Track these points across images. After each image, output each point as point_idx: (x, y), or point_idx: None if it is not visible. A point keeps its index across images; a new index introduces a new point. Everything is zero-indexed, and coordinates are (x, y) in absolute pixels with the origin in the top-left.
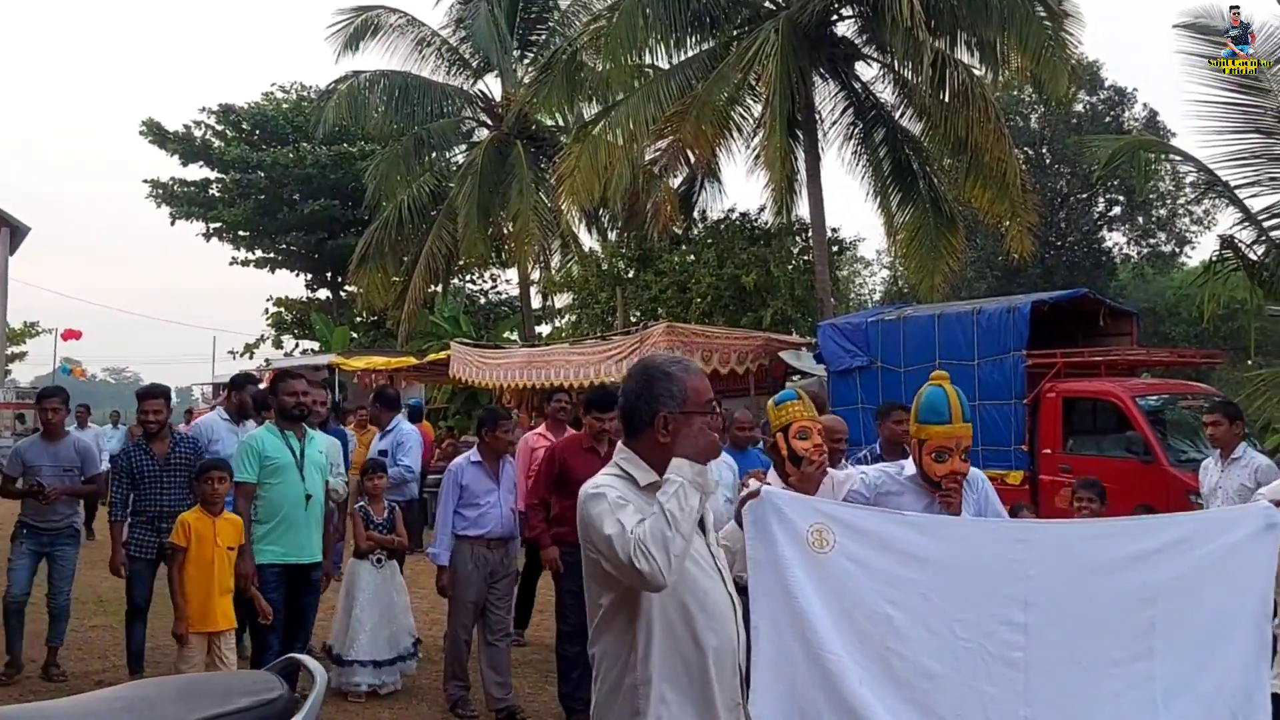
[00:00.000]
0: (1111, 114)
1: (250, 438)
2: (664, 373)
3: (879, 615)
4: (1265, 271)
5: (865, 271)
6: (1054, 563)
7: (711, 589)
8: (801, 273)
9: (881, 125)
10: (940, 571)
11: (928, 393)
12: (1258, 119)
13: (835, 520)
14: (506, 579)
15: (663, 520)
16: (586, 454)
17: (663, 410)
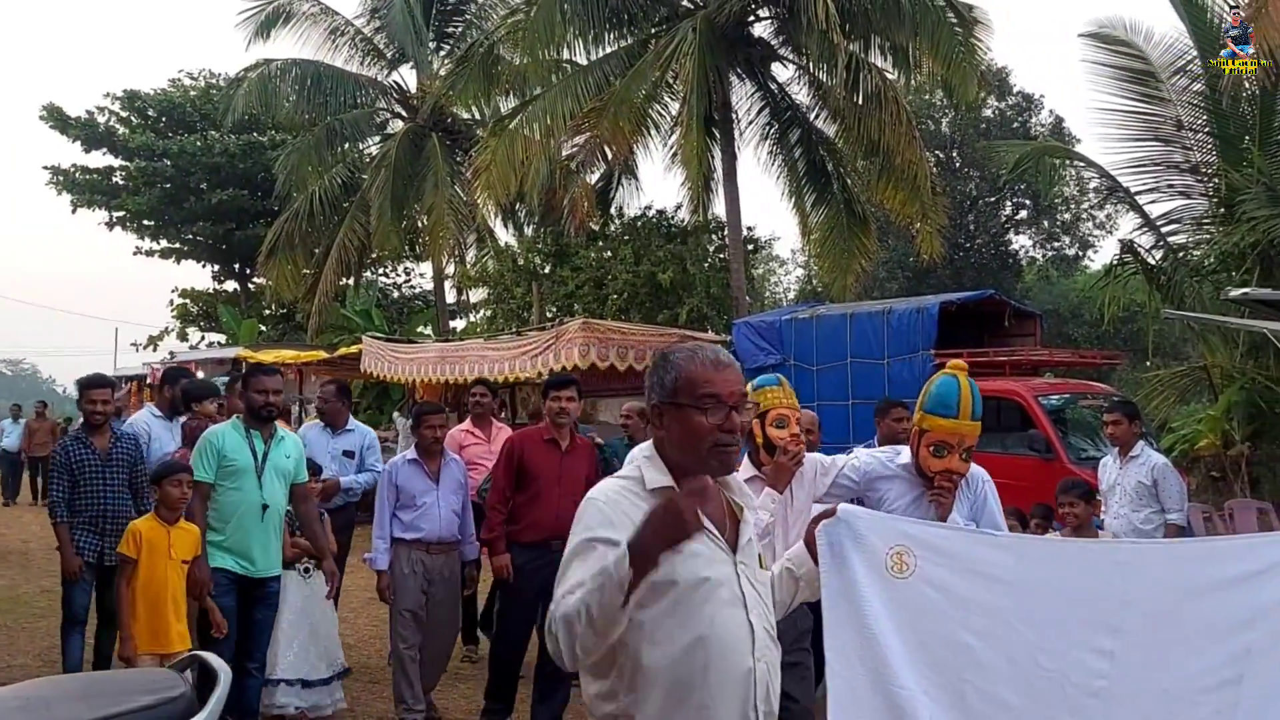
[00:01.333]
0: (1019, 120)
1: (210, 433)
2: (664, 358)
3: (958, 645)
4: (1163, 276)
5: (780, 270)
6: (1153, 587)
7: (721, 615)
8: (717, 271)
9: (797, 126)
10: (1027, 596)
11: (940, 381)
12: (1157, 127)
13: (917, 541)
14: (449, 585)
15: (579, 609)
16: (546, 446)
17: (654, 399)
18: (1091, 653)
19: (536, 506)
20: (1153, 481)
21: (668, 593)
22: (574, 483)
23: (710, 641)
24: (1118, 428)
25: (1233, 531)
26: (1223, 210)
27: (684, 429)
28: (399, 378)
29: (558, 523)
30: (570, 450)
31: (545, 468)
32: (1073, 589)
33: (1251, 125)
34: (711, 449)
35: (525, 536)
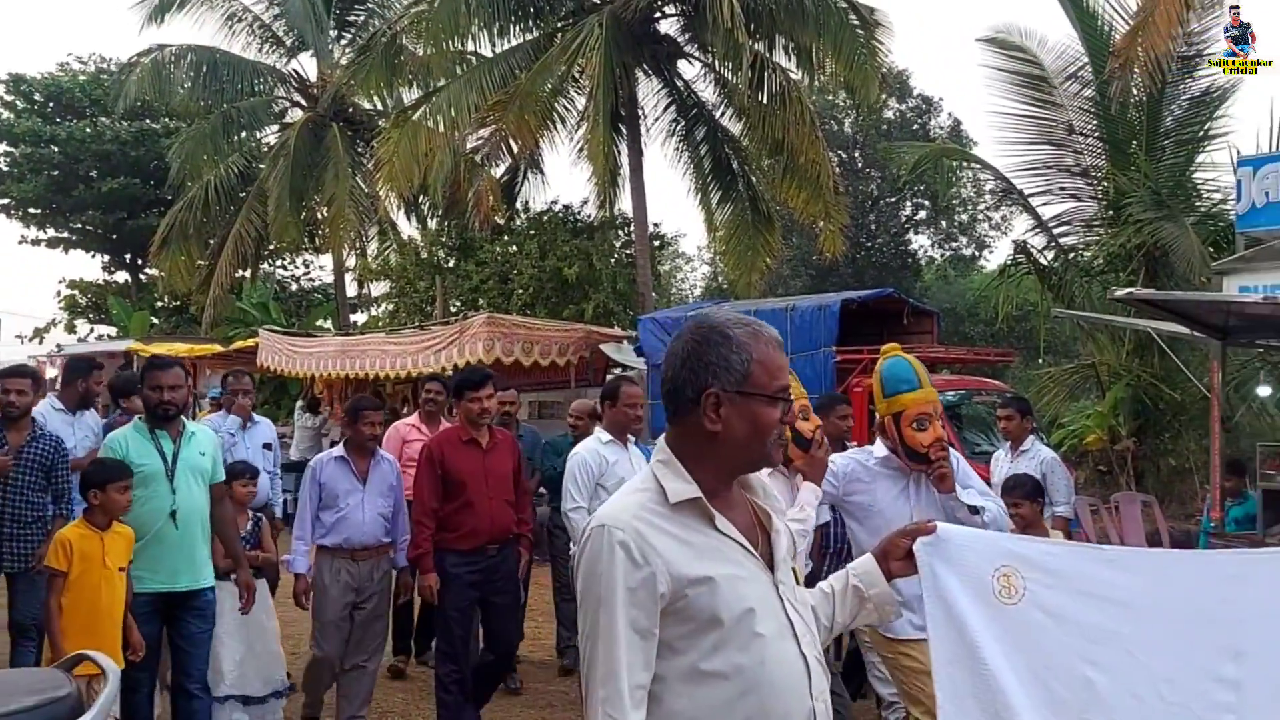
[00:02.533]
0: (919, 122)
1: (112, 439)
2: (723, 334)
3: (1077, 680)
4: (1054, 276)
5: (687, 267)
6: (1268, 602)
7: (772, 652)
8: (623, 266)
9: (703, 123)
10: (1144, 619)
11: (889, 364)
12: (1050, 132)
13: (1022, 560)
14: (378, 594)
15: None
16: (466, 448)
17: (713, 386)
18: (1216, 682)
19: (469, 513)
20: (1041, 475)
21: (709, 633)
22: (501, 481)
23: (764, 687)
24: (1010, 423)
25: (1118, 523)
26: (1111, 213)
27: (751, 426)
28: (297, 372)
29: (492, 526)
30: (492, 448)
31: (470, 471)
32: (1186, 608)
33: (1138, 131)
34: (771, 445)
35: (461, 544)
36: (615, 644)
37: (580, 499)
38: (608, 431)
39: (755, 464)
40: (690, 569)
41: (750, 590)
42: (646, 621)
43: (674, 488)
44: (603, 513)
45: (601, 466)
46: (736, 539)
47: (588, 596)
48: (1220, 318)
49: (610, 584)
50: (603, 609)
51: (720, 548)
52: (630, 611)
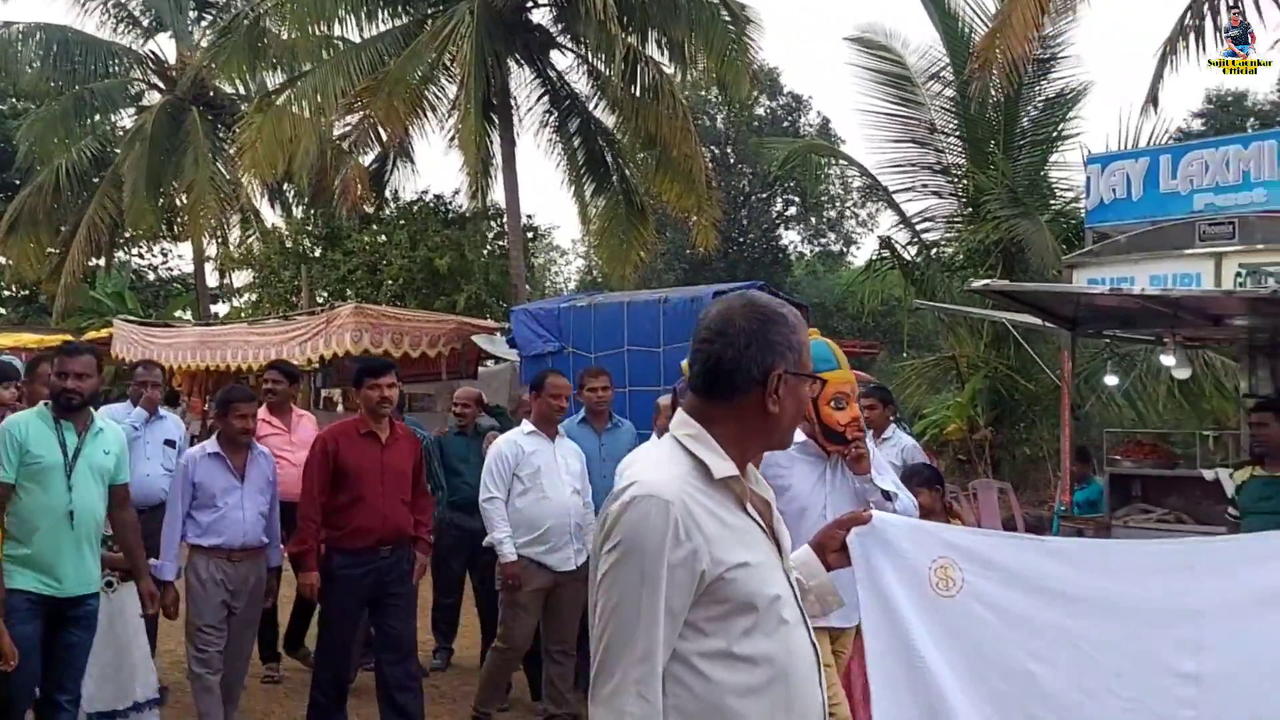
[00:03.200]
0: (790, 119)
1: (10, 423)
2: (780, 315)
3: (1019, 674)
4: (917, 271)
5: (561, 260)
6: (1224, 593)
7: (794, 641)
8: (496, 258)
9: (576, 115)
10: (1092, 612)
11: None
12: (913, 130)
13: (961, 552)
14: (254, 598)
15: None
16: (364, 441)
17: (779, 366)
18: (1174, 677)
19: (361, 510)
20: (902, 462)
21: (742, 617)
22: (398, 478)
23: (790, 676)
24: (873, 412)
25: (976, 509)
26: (970, 209)
27: (798, 406)
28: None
29: (385, 525)
30: (391, 442)
31: (365, 464)
32: (1134, 600)
33: (996, 130)
34: (791, 430)
35: (350, 543)
36: (655, 623)
37: (496, 490)
38: (532, 423)
39: (785, 443)
40: (731, 550)
41: (775, 575)
42: (680, 600)
43: (717, 464)
44: (648, 481)
45: (518, 457)
46: (760, 523)
47: (626, 568)
48: (1070, 309)
49: (657, 558)
50: (645, 584)
51: (750, 530)
52: (669, 588)
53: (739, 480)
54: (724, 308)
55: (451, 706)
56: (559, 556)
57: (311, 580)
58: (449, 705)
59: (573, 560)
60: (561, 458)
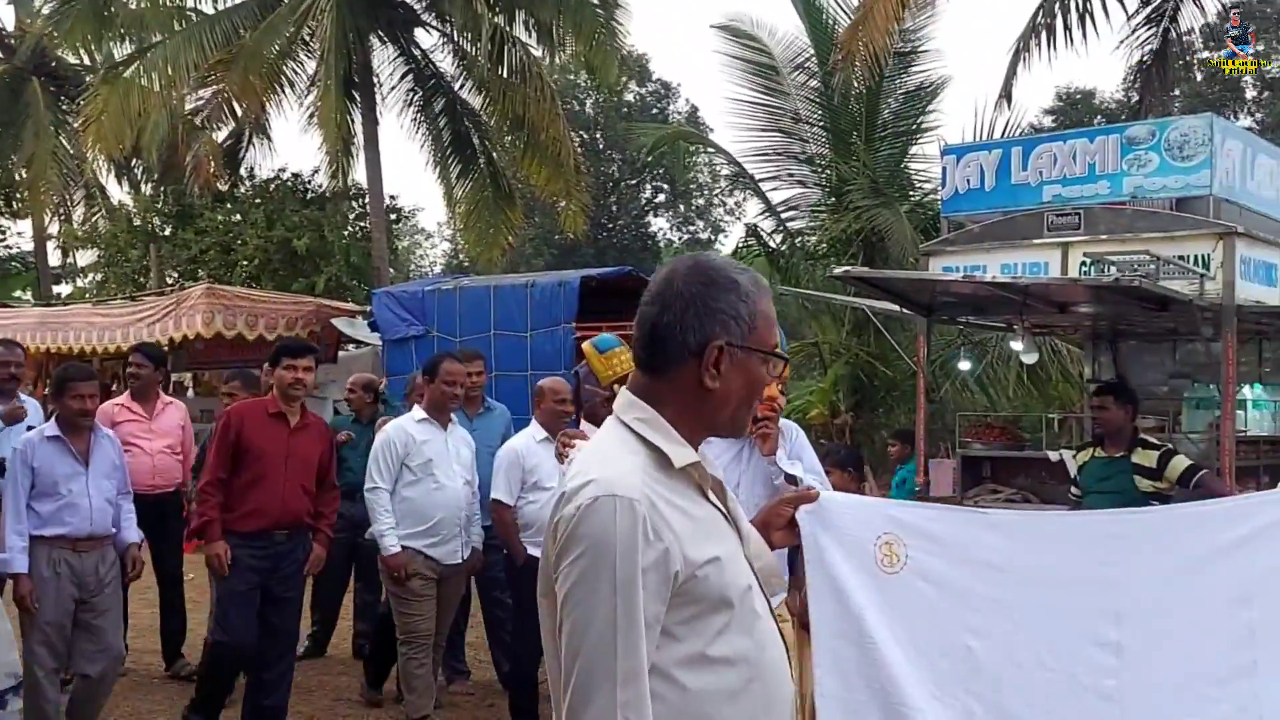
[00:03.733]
0: (659, 106)
1: None
2: (730, 279)
3: (959, 651)
4: (782, 259)
5: (426, 243)
6: (1146, 560)
7: (766, 635)
8: (358, 239)
9: (442, 95)
10: (1024, 583)
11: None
12: (779, 120)
13: (905, 527)
14: (108, 591)
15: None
16: (271, 422)
17: (720, 338)
18: (1097, 646)
19: (258, 491)
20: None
21: (716, 616)
22: (303, 465)
23: (765, 673)
24: None
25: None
26: (833, 199)
27: (747, 385)
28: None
29: (283, 509)
30: (300, 428)
31: (270, 446)
32: (1068, 570)
33: (859, 121)
34: (750, 413)
35: (244, 525)
36: (636, 638)
37: (381, 480)
38: (424, 410)
39: (735, 428)
40: (700, 545)
41: (743, 566)
42: (654, 608)
43: (676, 451)
44: (607, 478)
45: (408, 446)
46: (721, 510)
47: (594, 580)
48: (926, 296)
49: (630, 565)
50: (620, 595)
51: (715, 520)
52: (644, 597)
53: (699, 466)
54: (668, 269)
55: (305, 697)
56: (447, 549)
57: (220, 550)
58: (302, 694)
59: (459, 554)
60: (454, 447)
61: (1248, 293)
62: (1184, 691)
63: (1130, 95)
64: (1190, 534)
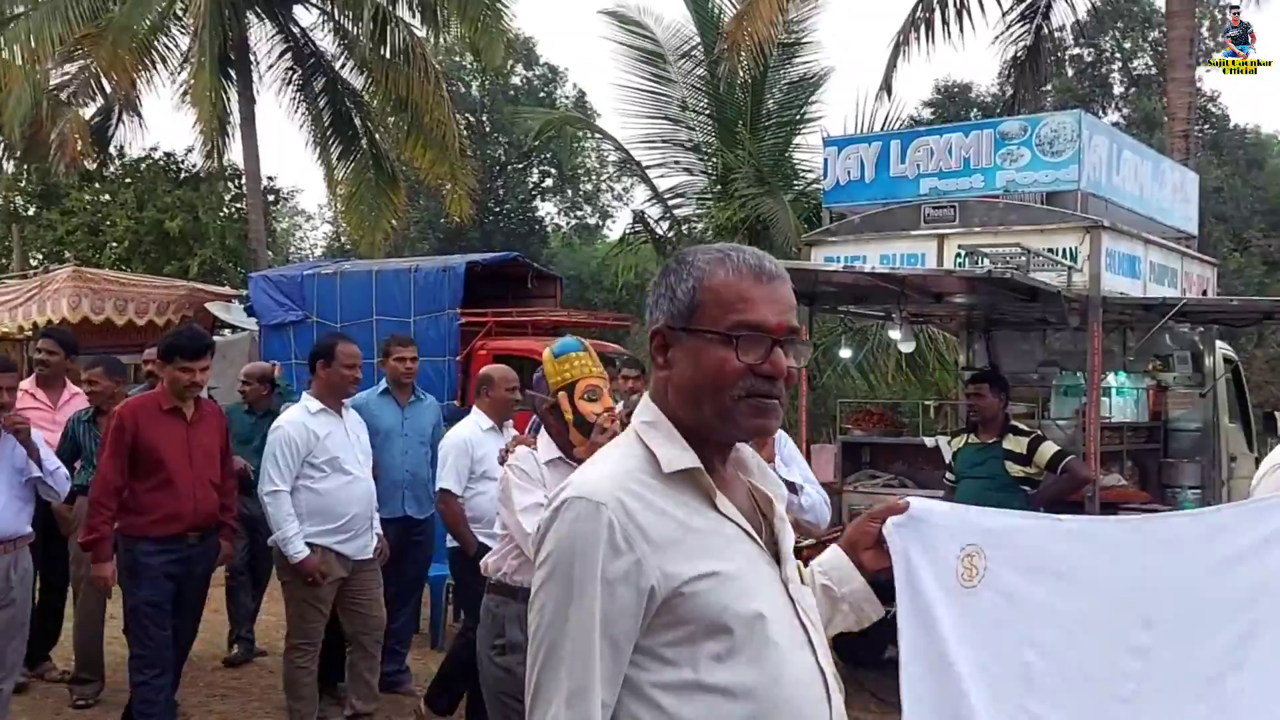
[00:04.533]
0: (546, 90)
1: None
2: (679, 260)
3: (1018, 666)
4: (669, 246)
5: (307, 225)
6: (1180, 565)
7: (789, 665)
8: (234, 221)
9: (322, 74)
10: (1082, 593)
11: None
12: (665, 107)
13: (990, 537)
14: (17, 600)
15: None
16: (165, 418)
17: (659, 321)
18: (1127, 652)
19: (168, 495)
20: None
21: (711, 641)
22: (207, 459)
23: (779, 710)
24: (631, 382)
25: None
26: (719, 187)
27: (699, 370)
28: None
29: (196, 511)
30: (197, 420)
31: (170, 445)
32: (1118, 578)
33: (744, 111)
34: (739, 403)
35: (158, 529)
36: (589, 651)
37: (281, 481)
38: (318, 399)
39: (721, 424)
40: (689, 558)
41: (760, 588)
42: (623, 624)
43: (667, 454)
44: (579, 481)
45: (309, 442)
46: (739, 523)
47: (553, 588)
48: (808, 285)
49: (586, 574)
50: (574, 605)
51: (723, 533)
52: (606, 609)
53: (701, 473)
54: None
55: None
56: (358, 544)
57: (106, 572)
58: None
59: (370, 548)
60: (354, 435)
61: (1112, 284)
62: (1186, 689)
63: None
64: (1222, 536)
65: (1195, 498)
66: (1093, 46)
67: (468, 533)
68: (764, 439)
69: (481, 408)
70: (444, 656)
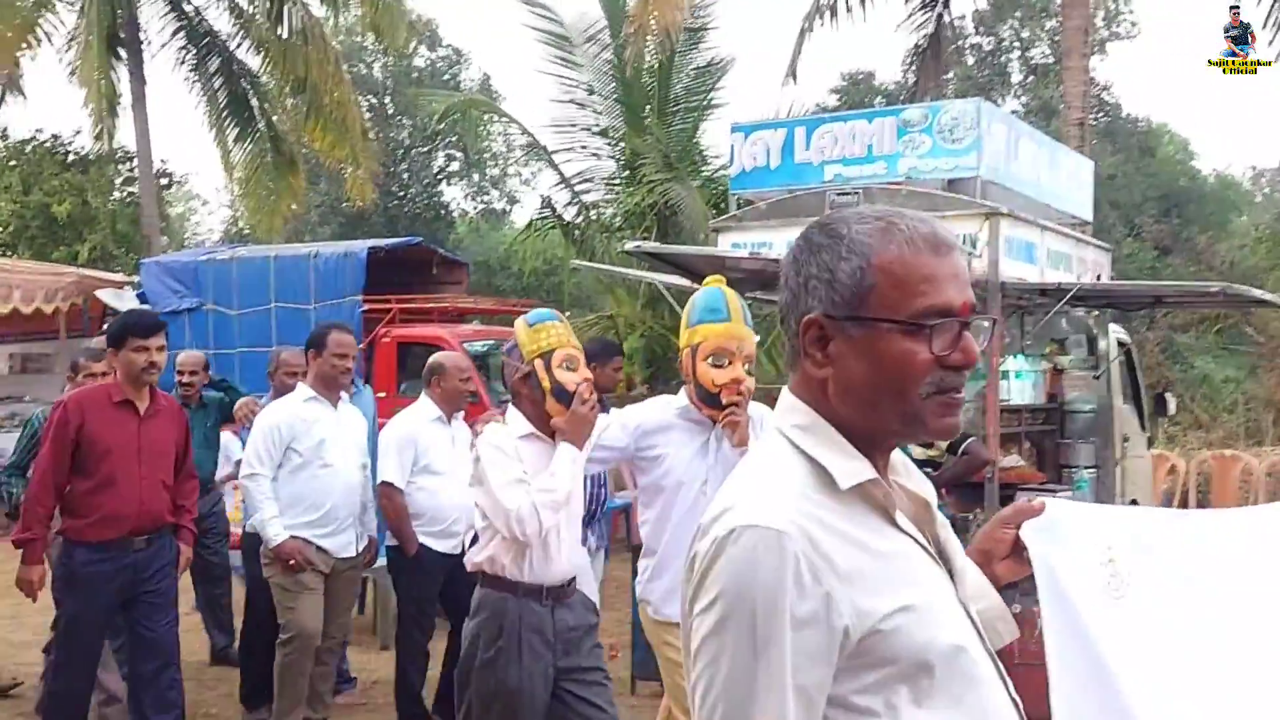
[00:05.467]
0: (450, 72)
1: None
2: (832, 233)
3: (1175, 683)
4: (577, 231)
5: (203, 209)
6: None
7: (992, 699)
8: (126, 205)
9: (216, 54)
10: (1225, 600)
11: (703, 294)
12: (572, 91)
13: (1130, 539)
14: None
15: None
16: (116, 411)
17: (814, 310)
18: (1229, 659)
19: (111, 494)
20: None
21: (909, 683)
22: (159, 457)
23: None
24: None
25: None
26: (627, 172)
27: (878, 366)
28: None
29: (141, 513)
30: (151, 414)
31: (119, 441)
32: (1252, 582)
33: (651, 96)
34: (927, 401)
35: (98, 533)
36: (783, 711)
37: (261, 466)
38: (312, 387)
39: (893, 429)
40: (883, 590)
41: (951, 616)
42: (815, 674)
43: (843, 466)
44: (742, 504)
45: (294, 428)
46: (921, 543)
47: (729, 637)
48: (715, 271)
49: (772, 618)
50: (760, 657)
51: (908, 555)
52: (796, 658)
53: (879, 484)
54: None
55: None
56: (340, 540)
57: (32, 575)
58: None
59: (353, 546)
60: (347, 427)
61: (1011, 270)
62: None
63: (908, 77)
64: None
65: (1091, 477)
66: (992, 35)
67: (409, 530)
68: (740, 419)
69: (431, 397)
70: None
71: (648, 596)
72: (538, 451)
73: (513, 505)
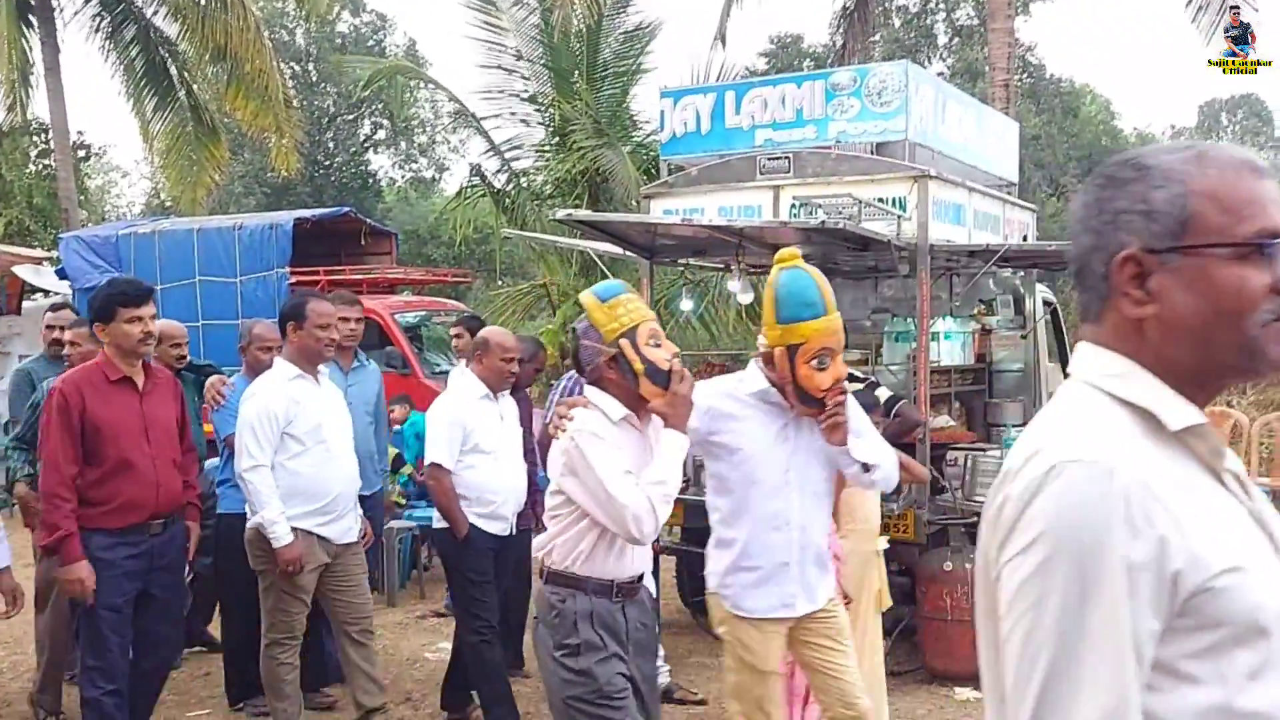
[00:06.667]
0: (375, 38)
1: None
2: (1138, 166)
3: None
4: (508, 199)
5: (123, 181)
6: None
7: None
8: (42, 179)
9: (132, 22)
10: None
11: (789, 279)
12: (500, 56)
13: None
14: None
15: None
16: (114, 390)
17: (1130, 245)
18: None
19: (128, 479)
20: None
21: (1244, 649)
22: (166, 435)
23: None
24: (461, 340)
25: None
26: (557, 139)
27: (1211, 297)
28: None
29: (159, 494)
30: (150, 389)
31: (124, 422)
32: None
33: (580, 61)
34: (1265, 329)
35: (114, 521)
36: (1120, 662)
37: (261, 456)
38: (293, 363)
39: (1228, 365)
40: (1214, 542)
41: (1276, 581)
42: (1146, 626)
43: (1172, 407)
44: (1063, 443)
45: (289, 411)
46: (1243, 499)
47: (1054, 579)
48: (648, 238)
49: (1104, 559)
50: (1091, 602)
51: (1233, 513)
52: (1129, 604)
53: (1209, 434)
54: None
55: None
56: (340, 526)
57: (82, 574)
58: None
59: (353, 531)
60: (334, 403)
61: (939, 232)
62: None
63: (835, 40)
64: None
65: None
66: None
67: (459, 511)
68: (843, 420)
69: (476, 373)
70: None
71: (724, 589)
72: (632, 439)
73: (629, 501)
